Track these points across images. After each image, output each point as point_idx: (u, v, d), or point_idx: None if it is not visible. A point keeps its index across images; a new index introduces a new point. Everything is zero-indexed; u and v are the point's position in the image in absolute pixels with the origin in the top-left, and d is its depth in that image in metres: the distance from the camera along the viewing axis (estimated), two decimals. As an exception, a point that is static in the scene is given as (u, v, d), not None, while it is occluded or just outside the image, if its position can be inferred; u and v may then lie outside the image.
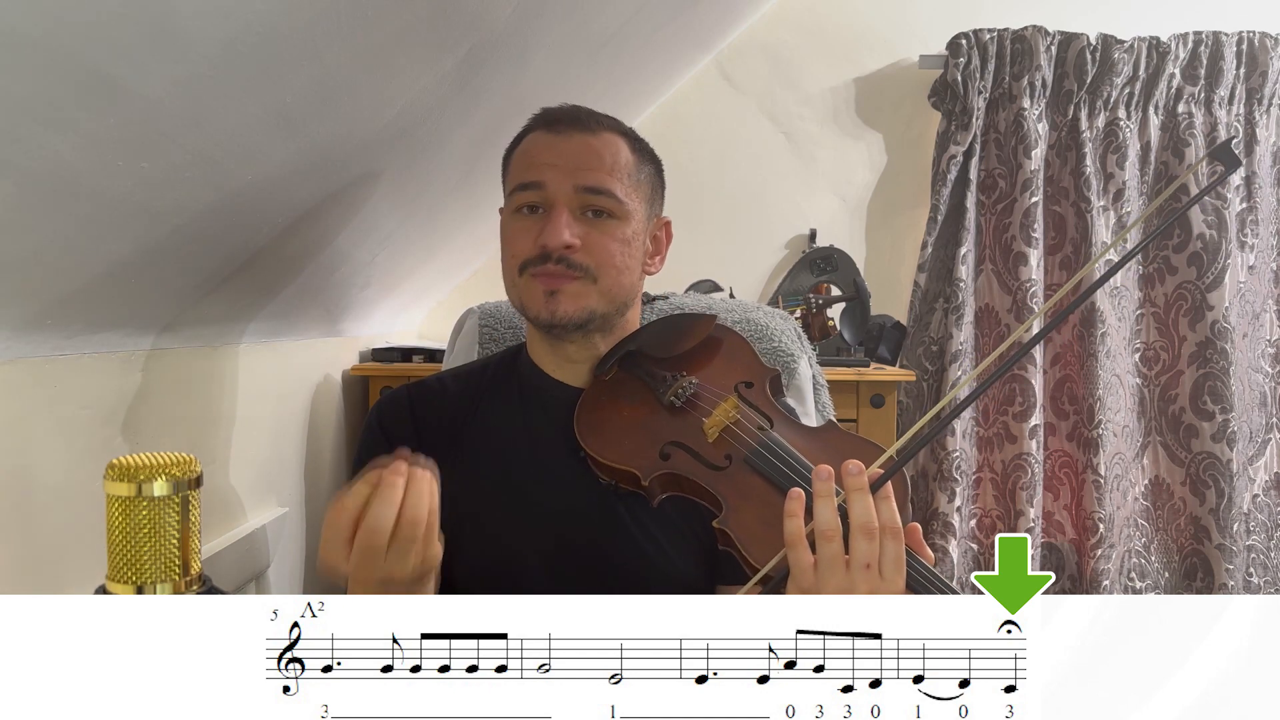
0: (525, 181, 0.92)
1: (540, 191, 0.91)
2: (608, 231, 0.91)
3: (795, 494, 0.68)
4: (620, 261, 0.92)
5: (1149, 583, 2.15)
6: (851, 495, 0.66)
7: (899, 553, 0.66)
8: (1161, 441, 2.17)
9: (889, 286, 2.17)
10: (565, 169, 0.90)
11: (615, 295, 0.93)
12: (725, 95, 2.19)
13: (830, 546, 0.65)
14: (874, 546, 0.65)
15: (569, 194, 0.90)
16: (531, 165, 0.92)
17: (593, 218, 0.91)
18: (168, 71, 0.67)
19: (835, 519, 0.66)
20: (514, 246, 0.93)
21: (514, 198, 0.93)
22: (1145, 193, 2.15)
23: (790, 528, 0.67)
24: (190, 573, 0.62)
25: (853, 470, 0.66)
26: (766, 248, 2.22)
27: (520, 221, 0.93)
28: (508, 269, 0.94)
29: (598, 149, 0.92)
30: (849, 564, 0.65)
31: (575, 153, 0.91)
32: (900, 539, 0.66)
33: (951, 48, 2.06)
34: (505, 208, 0.96)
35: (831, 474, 0.67)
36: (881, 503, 0.67)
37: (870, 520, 0.65)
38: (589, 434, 0.88)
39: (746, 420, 0.83)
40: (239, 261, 1.05)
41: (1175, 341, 2.15)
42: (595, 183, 0.90)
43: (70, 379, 0.91)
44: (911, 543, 0.68)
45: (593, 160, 0.91)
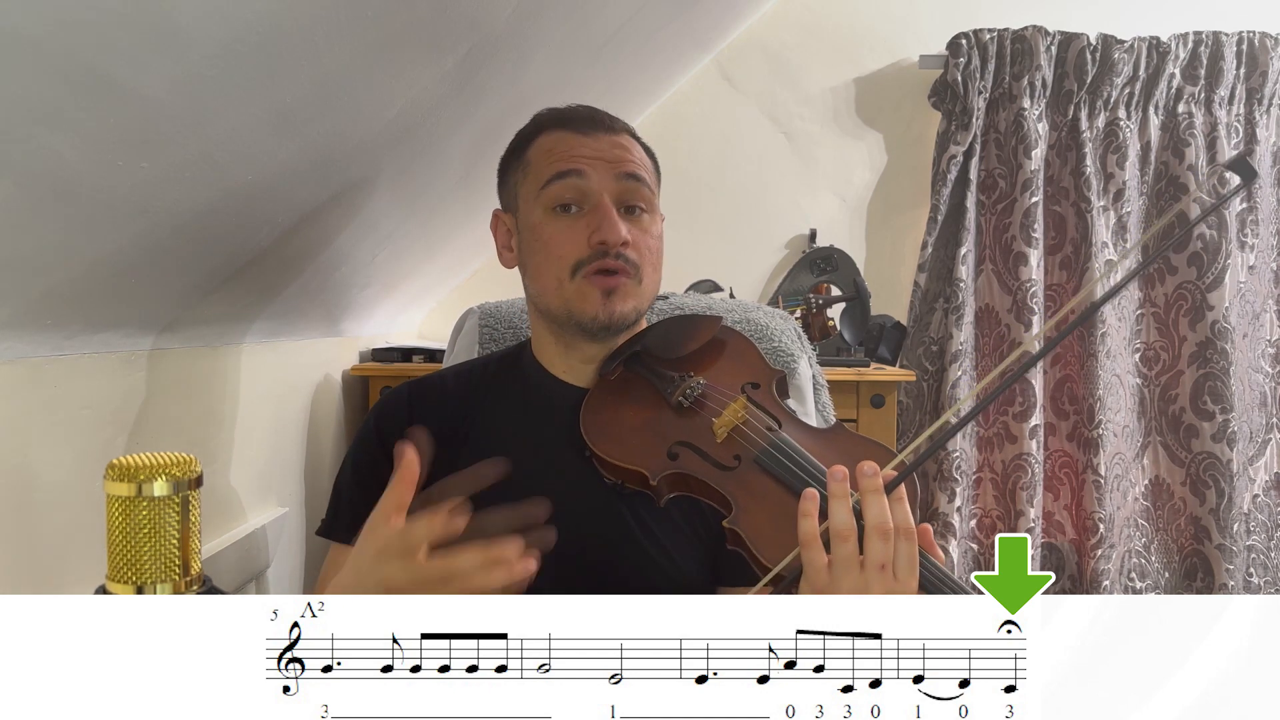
0: (563, 170, 0.89)
1: (581, 180, 0.89)
2: (645, 228, 0.91)
3: (810, 494, 0.68)
4: (656, 260, 0.93)
5: (1149, 583, 2.15)
6: (867, 496, 0.66)
7: (913, 553, 0.66)
8: (1162, 441, 2.17)
9: (889, 286, 2.17)
10: (602, 162, 0.90)
11: (652, 294, 0.94)
12: (725, 95, 2.19)
13: (845, 547, 0.65)
14: (889, 547, 0.65)
15: (611, 185, 0.89)
16: (565, 157, 0.90)
17: (628, 215, 0.90)
18: (168, 71, 0.67)
19: (851, 520, 0.66)
20: (560, 248, 0.89)
21: (549, 190, 0.90)
22: (1145, 193, 2.15)
23: (805, 527, 0.67)
24: (190, 573, 0.62)
25: (868, 471, 0.67)
26: (766, 248, 2.22)
27: (562, 220, 0.90)
28: (551, 271, 0.90)
29: (625, 144, 0.93)
30: (863, 564, 0.65)
31: (607, 149, 0.91)
32: (914, 540, 0.66)
33: (951, 48, 2.06)
34: (532, 205, 0.92)
35: (847, 475, 0.67)
36: (896, 504, 0.67)
37: (885, 521, 0.65)
38: (596, 434, 0.87)
39: (755, 420, 0.83)
40: (239, 261, 1.05)
41: (1175, 341, 2.15)
42: (634, 170, 0.91)
43: (70, 379, 0.91)
44: (923, 543, 0.68)
45: (624, 154, 0.91)
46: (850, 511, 0.66)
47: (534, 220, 0.92)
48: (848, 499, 0.67)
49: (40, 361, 0.86)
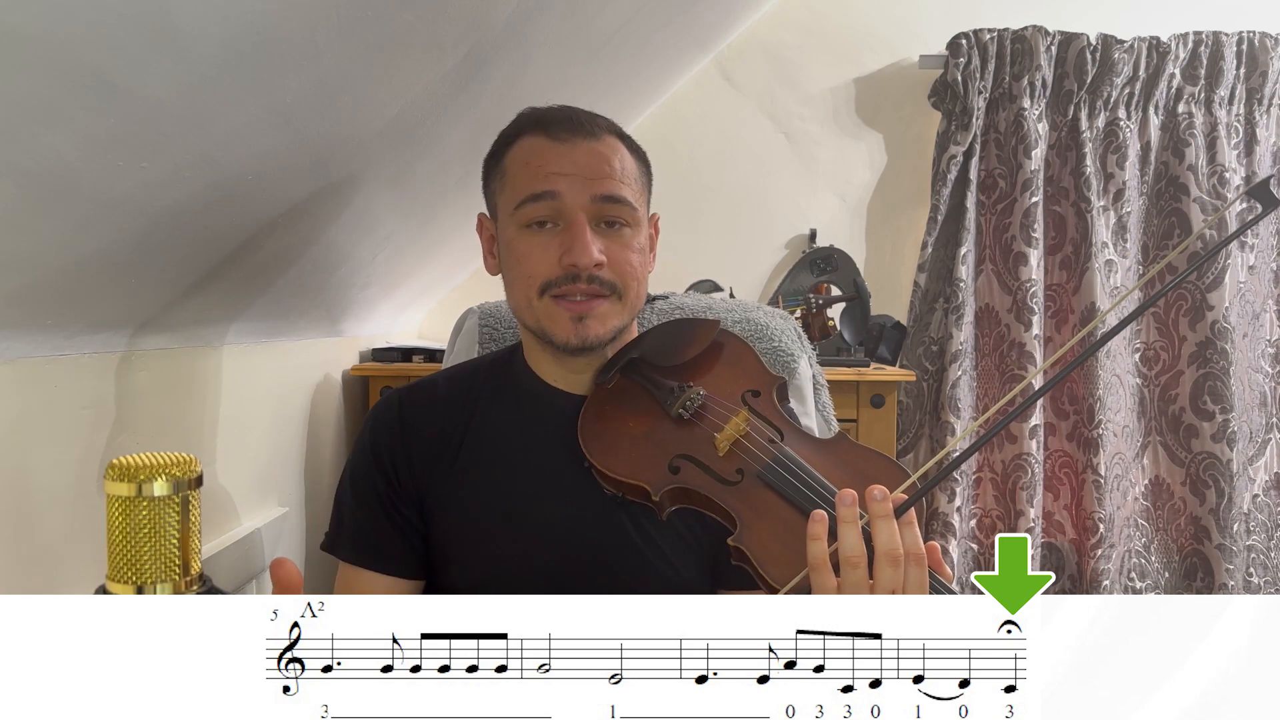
0: (537, 192, 0.86)
1: (555, 203, 0.86)
2: (625, 243, 0.88)
3: (819, 516, 0.67)
4: (639, 272, 0.90)
5: (1149, 583, 2.15)
6: (876, 522, 0.65)
7: (923, 578, 0.65)
8: (1161, 441, 2.17)
9: (889, 286, 2.17)
10: (579, 178, 0.86)
11: (635, 307, 0.91)
12: (725, 95, 2.19)
13: (856, 573, 0.64)
14: (899, 573, 0.64)
15: (586, 205, 0.86)
16: (540, 174, 0.86)
17: (608, 229, 0.87)
18: (168, 71, 0.67)
19: (861, 545, 0.65)
20: (529, 266, 0.87)
21: (523, 211, 0.87)
22: (1145, 193, 2.15)
23: (814, 551, 0.66)
24: (190, 573, 0.62)
25: (877, 496, 0.65)
26: (766, 248, 2.22)
27: (533, 238, 0.87)
28: (521, 289, 0.89)
29: (606, 155, 0.88)
30: (873, 589, 0.64)
31: (585, 161, 0.87)
32: (924, 564, 0.65)
33: (951, 48, 2.06)
34: (508, 219, 0.89)
35: (856, 499, 0.66)
36: (905, 528, 0.65)
37: (896, 548, 0.64)
38: (594, 445, 0.85)
39: (757, 434, 0.81)
40: (239, 261, 1.05)
41: (1175, 341, 2.15)
42: (612, 191, 0.87)
43: (70, 379, 0.91)
44: (931, 562, 0.67)
45: (604, 168, 0.87)
46: (860, 537, 0.65)
47: (509, 235, 0.90)
48: (857, 524, 0.65)
49: (40, 361, 0.86)
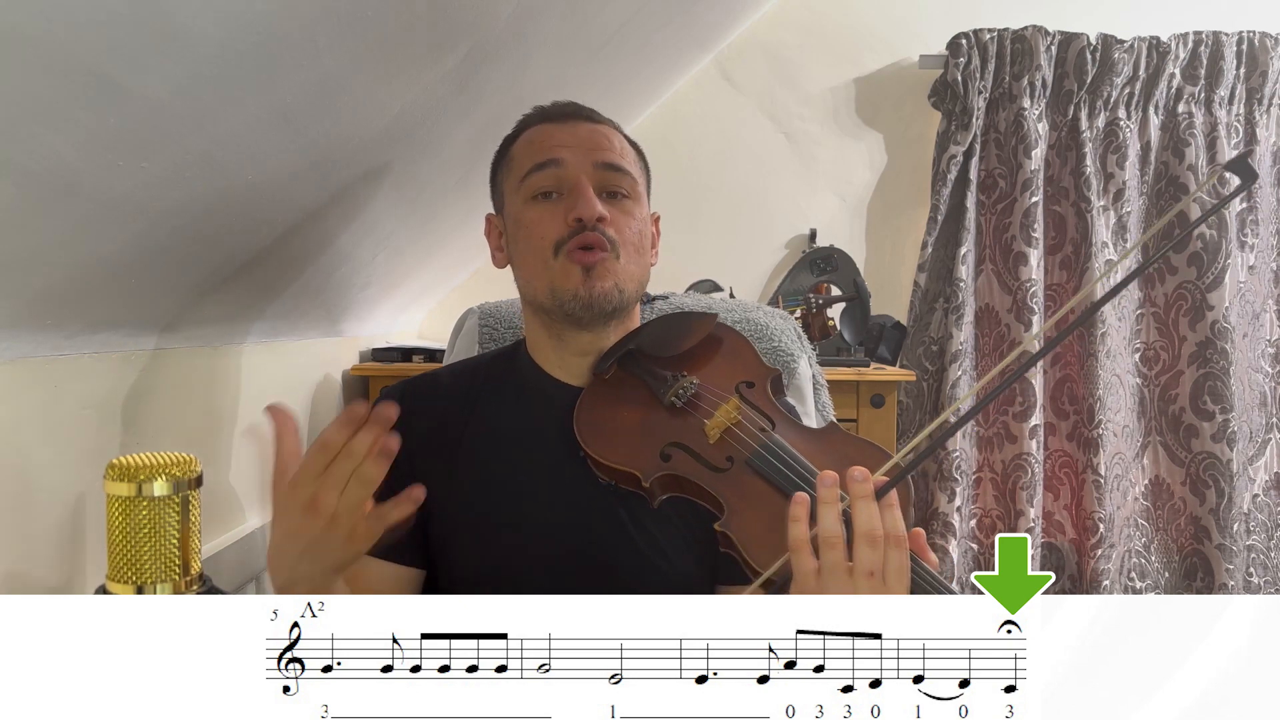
0: (541, 161, 0.91)
1: (559, 169, 0.91)
2: (627, 212, 0.93)
3: (800, 498, 0.67)
4: (639, 241, 0.93)
5: (1149, 583, 2.15)
6: (856, 503, 0.65)
7: (903, 561, 0.65)
8: (1161, 441, 2.17)
9: (889, 286, 2.17)
10: (581, 149, 0.92)
11: (635, 275, 0.93)
12: (725, 95, 2.18)
13: (833, 554, 0.65)
14: (878, 554, 0.64)
15: (589, 171, 0.91)
16: (544, 147, 0.92)
17: (609, 200, 0.92)
18: (168, 71, 0.67)
19: (839, 526, 0.65)
20: (540, 230, 0.91)
21: (529, 181, 0.92)
22: (1145, 193, 2.15)
23: (794, 533, 0.66)
24: (190, 573, 0.62)
25: (858, 477, 0.66)
26: (766, 248, 2.22)
27: (540, 207, 0.92)
28: (535, 254, 0.91)
29: (606, 134, 0.95)
30: (852, 571, 0.64)
31: (586, 136, 0.93)
32: (904, 547, 0.65)
33: (951, 48, 2.06)
34: (515, 198, 0.94)
35: (836, 480, 0.66)
36: (886, 510, 0.66)
37: (874, 528, 0.64)
38: (589, 434, 0.87)
39: (748, 422, 0.83)
40: (239, 261, 1.05)
41: (1175, 341, 2.15)
42: (613, 160, 0.92)
43: (70, 379, 0.91)
44: (915, 548, 0.67)
45: (604, 142, 0.93)
46: (838, 518, 0.65)
47: (517, 211, 0.94)
48: (836, 505, 0.66)
49: (40, 361, 0.86)
